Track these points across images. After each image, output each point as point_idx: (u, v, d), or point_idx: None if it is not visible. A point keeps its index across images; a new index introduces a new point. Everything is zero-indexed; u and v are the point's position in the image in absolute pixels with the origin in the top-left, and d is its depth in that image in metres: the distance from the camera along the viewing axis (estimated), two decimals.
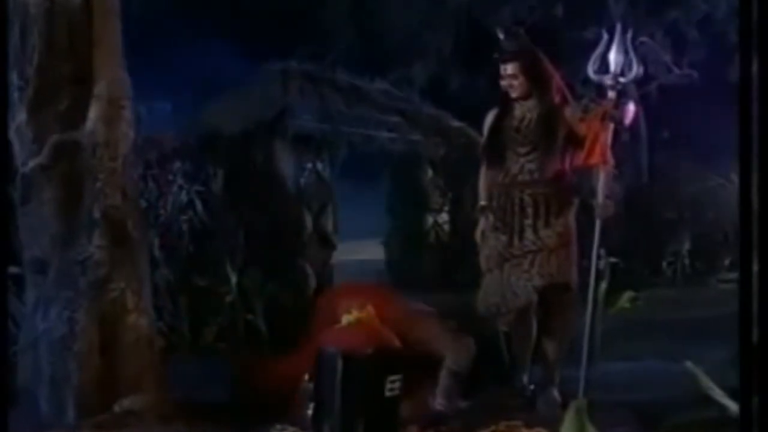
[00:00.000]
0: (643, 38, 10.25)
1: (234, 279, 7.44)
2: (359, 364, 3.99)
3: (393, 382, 4.02)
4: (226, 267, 7.48)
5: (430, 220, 9.92)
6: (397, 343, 4.13)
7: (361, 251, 9.87)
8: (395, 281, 9.62)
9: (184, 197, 7.86)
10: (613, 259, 7.24)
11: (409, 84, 9.88)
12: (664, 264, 10.47)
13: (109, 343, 4.73)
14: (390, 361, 4.08)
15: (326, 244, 8.63)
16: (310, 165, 8.56)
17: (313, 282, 8.31)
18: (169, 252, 7.65)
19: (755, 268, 2.88)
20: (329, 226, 8.67)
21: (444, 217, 9.98)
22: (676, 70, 11.16)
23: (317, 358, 4.05)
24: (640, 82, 11.27)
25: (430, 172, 9.86)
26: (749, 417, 2.92)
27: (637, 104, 10.64)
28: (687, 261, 10.53)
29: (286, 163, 8.37)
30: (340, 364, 3.96)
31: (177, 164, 7.83)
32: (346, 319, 4.21)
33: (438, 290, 8.58)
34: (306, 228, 8.44)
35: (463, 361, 4.90)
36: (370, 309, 4.21)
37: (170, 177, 7.78)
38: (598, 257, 5.31)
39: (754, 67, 2.92)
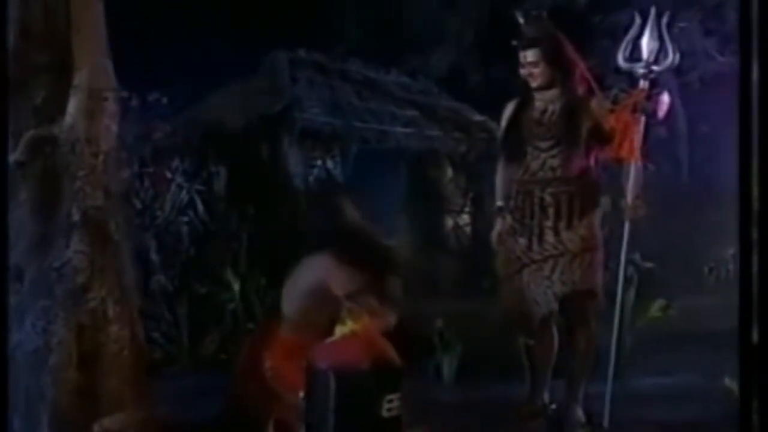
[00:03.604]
0: (682, 23, 10.06)
1: (236, 285, 7.37)
2: (354, 382, 3.82)
3: (391, 401, 3.86)
4: (228, 272, 7.39)
5: (449, 222, 9.83)
6: (396, 358, 3.98)
7: None
8: (412, 287, 9.52)
9: (184, 197, 7.77)
10: (648, 264, 7.09)
11: (427, 75, 9.72)
12: (706, 270, 10.27)
13: (88, 356, 4.59)
14: (388, 378, 3.90)
15: None
16: (319, 162, 8.51)
17: None
18: (166, 256, 7.57)
19: (755, 268, 2.94)
20: None
21: (465, 218, 9.89)
22: (719, 58, 10.95)
23: (307, 375, 3.91)
24: (679, 71, 11.09)
25: (449, 171, 9.75)
26: (749, 420, 2.96)
27: (672, 95, 10.47)
28: (731, 266, 10.30)
29: (293, 160, 8.30)
30: (332, 381, 3.81)
31: (176, 162, 7.74)
32: (339, 330, 4.06)
33: (458, 297, 8.48)
34: None
35: None
36: (366, 320, 4.06)
37: (168, 175, 7.70)
38: (627, 263, 5.15)
39: (755, 66, 2.97)
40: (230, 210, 7.87)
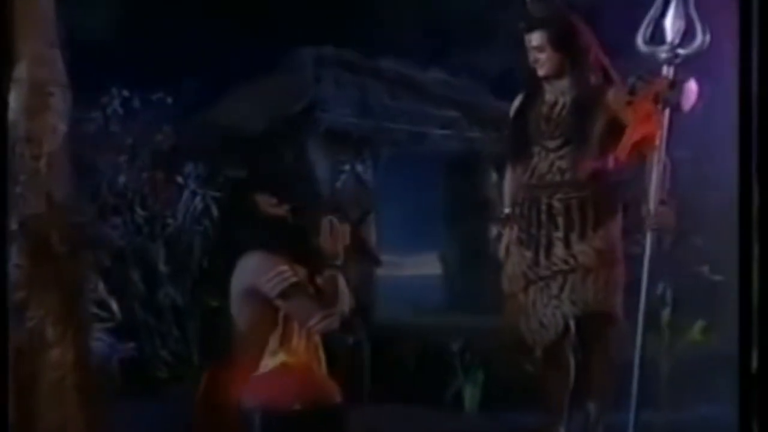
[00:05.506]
0: None
1: None
2: (282, 425, 3.29)
3: None
4: None
5: (494, 230, 9.20)
6: (336, 395, 3.43)
7: (411, 266, 9.24)
8: (453, 300, 9.01)
9: (198, 204, 7.34)
10: (717, 277, 6.45)
11: (472, 74, 9.06)
12: None
13: (26, 383, 4.15)
14: (324, 419, 3.36)
15: (367, 258, 7.99)
16: (347, 167, 8.00)
17: (351, 302, 7.69)
18: (176, 267, 7.16)
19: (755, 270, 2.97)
20: (371, 237, 8.05)
21: None
22: None
23: (233, 415, 3.38)
24: None
25: (493, 175, 9.14)
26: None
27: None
28: None
29: (318, 164, 7.82)
30: (257, 423, 3.29)
31: (188, 167, 7.30)
32: (270, 362, 3.53)
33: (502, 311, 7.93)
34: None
35: None
36: (301, 350, 3.52)
37: (180, 181, 7.26)
38: (650, 278, 4.48)
39: (754, 65, 3.00)
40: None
